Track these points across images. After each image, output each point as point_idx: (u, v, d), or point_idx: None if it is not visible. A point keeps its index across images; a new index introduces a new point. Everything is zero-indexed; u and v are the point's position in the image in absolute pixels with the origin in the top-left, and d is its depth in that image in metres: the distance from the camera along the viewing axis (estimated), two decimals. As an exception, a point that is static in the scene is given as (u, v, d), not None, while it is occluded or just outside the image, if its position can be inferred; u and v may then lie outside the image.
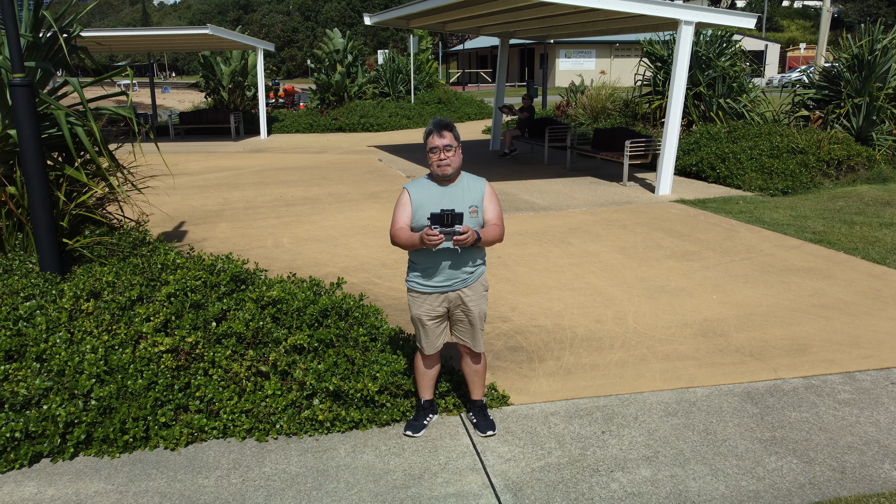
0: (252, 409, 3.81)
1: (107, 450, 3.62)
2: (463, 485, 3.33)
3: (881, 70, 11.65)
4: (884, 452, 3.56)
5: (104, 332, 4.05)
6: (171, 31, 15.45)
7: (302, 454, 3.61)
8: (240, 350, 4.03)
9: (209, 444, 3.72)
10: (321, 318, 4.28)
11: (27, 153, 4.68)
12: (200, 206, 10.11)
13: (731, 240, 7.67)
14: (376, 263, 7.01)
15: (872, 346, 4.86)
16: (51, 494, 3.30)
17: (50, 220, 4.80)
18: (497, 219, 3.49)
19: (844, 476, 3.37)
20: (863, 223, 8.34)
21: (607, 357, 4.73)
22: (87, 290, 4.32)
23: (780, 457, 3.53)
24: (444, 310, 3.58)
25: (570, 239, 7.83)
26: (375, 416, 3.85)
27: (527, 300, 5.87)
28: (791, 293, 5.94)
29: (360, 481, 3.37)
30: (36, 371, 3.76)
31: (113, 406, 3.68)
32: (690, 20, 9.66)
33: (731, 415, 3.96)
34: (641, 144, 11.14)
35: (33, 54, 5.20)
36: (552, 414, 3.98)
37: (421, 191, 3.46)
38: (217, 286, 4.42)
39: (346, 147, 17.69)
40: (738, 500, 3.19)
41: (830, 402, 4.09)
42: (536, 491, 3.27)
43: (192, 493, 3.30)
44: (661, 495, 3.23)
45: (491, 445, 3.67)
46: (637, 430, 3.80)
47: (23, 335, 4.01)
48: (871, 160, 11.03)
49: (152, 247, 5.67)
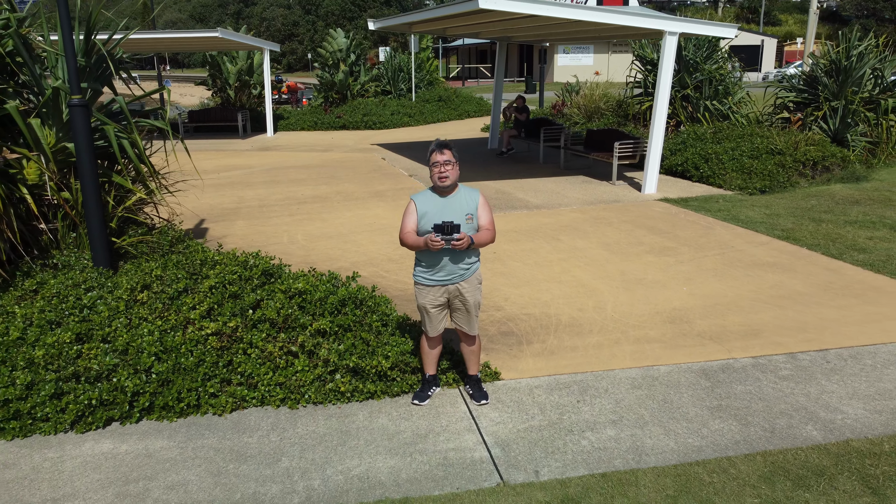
0: (284, 382, 4.55)
1: (166, 415, 4.37)
2: (461, 442, 4.08)
3: (857, 75, 12.35)
4: (809, 417, 4.30)
5: (157, 318, 4.80)
6: (185, 35, 16.13)
7: (328, 419, 4.36)
8: (273, 333, 4.77)
9: (250, 411, 4.46)
10: (340, 307, 5.02)
11: (83, 164, 5.40)
12: (217, 205, 10.83)
13: (707, 237, 8.40)
14: (383, 259, 7.74)
15: (817, 331, 5.60)
16: (125, 449, 4.05)
17: (102, 221, 5.53)
18: (489, 224, 4.22)
19: (773, 435, 4.11)
20: (829, 221, 9.07)
21: (586, 340, 5.47)
22: (140, 283, 5.06)
23: (722, 420, 4.28)
24: (444, 300, 4.31)
25: (560, 236, 8.56)
26: (388, 388, 4.60)
27: (518, 291, 6.61)
28: (753, 285, 6.68)
29: (377, 439, 4.12)
30: (104, 350, 4.50)
31: (170, 379, 4.43)
32: (674, 31, 10.36)
33: (686, 388, 4.70)
34: (630, 146, 11.85)
35: (85, 76, 5.91)
36: (536, 387, 4.73)
37: (425, 201, 4.19)
38: (251, 279, 5.16)
39: (350, 145, 18.39)
40: (683, 453, 3.94)
41: (772, 378, 4.83)
42: (520, 446, 4.02)
43: (239, 448, 4.05)
44: (621, 449, 3.98)
45: (484, 412, 4.42)
46: (606, 400, 4.54)
47: (89, 321, 4.75)
48: (846, 160, 11.75)
49: (186, 244, 6.41)
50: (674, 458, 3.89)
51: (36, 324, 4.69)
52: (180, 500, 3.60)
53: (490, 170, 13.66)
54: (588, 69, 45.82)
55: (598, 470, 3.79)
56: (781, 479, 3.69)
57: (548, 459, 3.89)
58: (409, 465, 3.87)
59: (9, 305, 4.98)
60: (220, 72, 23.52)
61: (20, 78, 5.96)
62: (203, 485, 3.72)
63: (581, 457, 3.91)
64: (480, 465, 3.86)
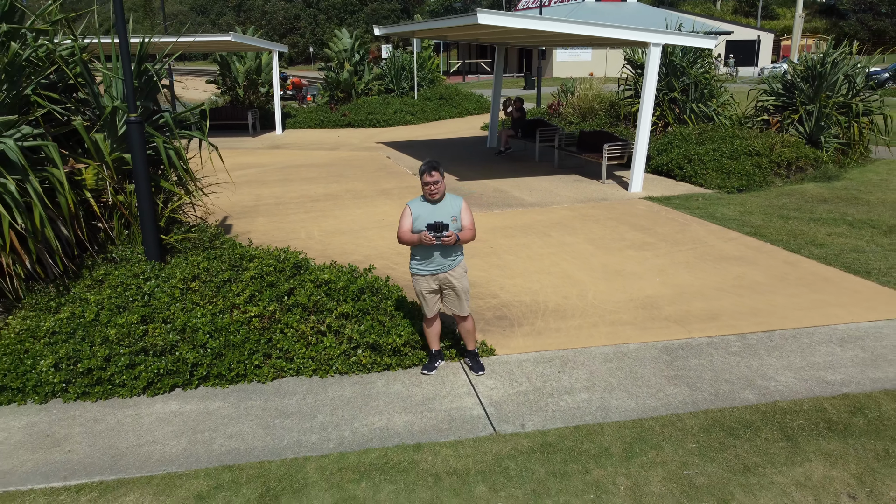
0: (315, 356, 5.49)
1: (219, 382, 5.31)
2: (461, 403, 5.03)
3: (831, 80, 13.25)
4: (747, 384, 5.24)
5: (208, 303, 5.73)
6: (200, 38, 17.03)
7: (352, 385, 5.30)
8: (304, 316, 5.71)
9: (287, 380, 5.41)
10: (359, 294, 5.95)
11: (139, 173, 6.33)
12: (238, 202, 11.76)
13: (683, 233, 9.33)
14: (392, 252, 8.67)
15: (767, 315, 6.53)
16: (189, 409, 5.00)
17: (154, 221, 6.46)
18: (470, 225, 5.15)
19: (716, 397, 5.06)
20: (796, 218, 10.00)
21: (568, 323, 6.41)
22: (191, 274, 6.00)
23: (676, 386, 5.22)
24: (436, 286, 5.24)
25: (551, 232, 9.49)
26: (401, 361, 5.54)
27: (512, 282, 7.54)
28: (718, 276, 7.61)
29: (393, 401, 5.06)
30: (167, 330, 5.44)
31: (222, 353, 5.37)
32: (658, 42, 11.25)
33: (650, 361, 5.64)
34: (618, 147, 12.76)
35: (137, 95, 6.82)
36: (524, 361, 5.67)
37: (418, 206, 5.11)
38: (283, 271, 6.10)
39: (356, 143, 19.29)
40: (642, 411, 4.88)
41: (723, 354, 5.77)
42: (510, 406, 4.96)
43: (282, 408, 4.99)
44: (592, 408, 4.92)
45: (481, 380, 5.36)
46: (582, 371, 5.48)
47: (150, 305, 5.69)
48: (819, 161, 12.66)
49: (221, 240, 7.34)
50: (633, 415, 4.84)
51: (106, 307, 5.63)
52: (239, 445, 4.54)
53: (489, 169, 14.57)
54: (587, 65, 46.64)
55: (572, 423, 4.74)
56: (717, 429, 4.63)
57: (532, 416, 4.84)
58: (420, 420, 4.81)
59: (81, 293, 5.92)
60: (229, 71, 24.39)
61: (79, 95, 6.88)
62: (256, 434, 4.67)
63: (559, 414, 4.86)
64: (477, 420, 4.81)
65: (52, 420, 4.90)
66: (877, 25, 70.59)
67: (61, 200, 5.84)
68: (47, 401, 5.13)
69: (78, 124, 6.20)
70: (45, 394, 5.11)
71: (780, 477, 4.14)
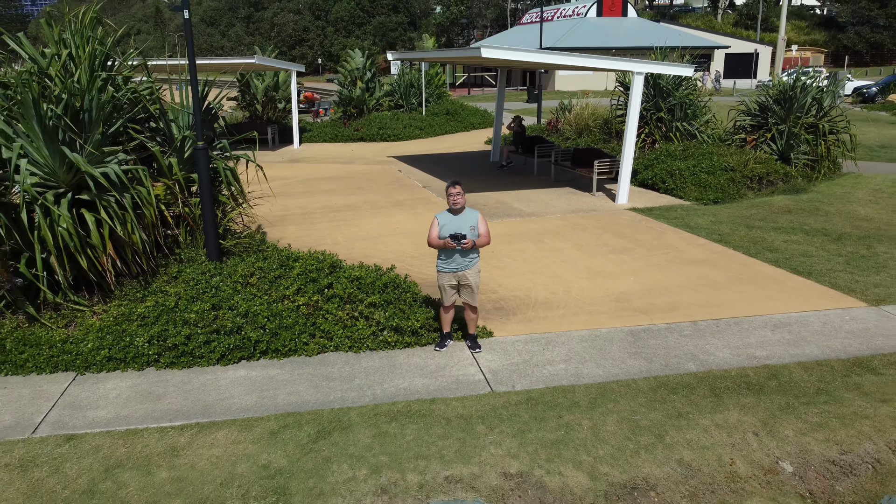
0: (351, 335, 6.92)
1: (276, 356, 6.75)
2: (466, 371, 6.46)
3: (801, 103, 14.67)
4: (691, 358, 6.66)
5: (264, 294, 7.18)
6: (226, 60, 18.58)
7: (380, 359, 6.74)
8: (341, 305, 7.15)
9: (329, 354, 6.84)
10: (384, 288, 7.39)
11: (204, 190, 7.79)
12: (269, 212, 13.24)
13: (659, 239, 10.75)
14: (407, 256, 10.11)
15: (718, 307, 7.94)
16: (254, 374, 6.44)
17: (215, 229, 7.92)
18: (486, 232, 6.58)
19: (666, 367, 6.47)
20: (760, 227, 11.40)
21: (554, 313, 7.83)
22: (248, 272, 7.45)
23: (635, 360, 6.64)
24: (455, 282, 6.67)
25: (544, 239, 10.92)
26: (418, 341, 6.97)
27: (509, 280, 8.97)
28: (683, 276, 9.02)
29: (413, 370, 6.50)
30: (233, 315, 6.89)
31: (278, 332, 6.81)
32: (640, 71, 12.71)
33: (617, 342, 7.06)
34: (607, 163, 14.21)
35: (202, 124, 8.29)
36: (516, 341, 7.09)
37: (444, 217, 6.55)
38: (322, 269, 7.55)
39: (369, 157, 20.79)
40: (606, 377, 6.30)
41: (676, 336, 7.18)
42: (504, 373, 6.39)
43: (327, 374, 6.43)
44: (567, 375, 6.34)
45: (481, 355, 6.78)
46: (562, 348, 6.90)
47: (218, 296, 7.14)
48: (788, 175, 14.07)
49: (266, 245, 8.79)
50: (599, 380, 6.26)
51: (183, 297, 7.08)
52: (297, 399, 5.98)
53: (492, 182, 16.02)
54: (589, 79, 48.12)
55: (552, 385, 6.16)
56: (662, 389, 6.05)
57: (521, 379, 6.26)
58: (435, 382, 6.24)
59: (161, 286, 7.38)
60: (248, 87, 25.95)
61: (151, 125, 8.36)
62: (308, 392, 6.11)
63: (542, 379, 6.28)
64: (478, 382, 6.24)
65: (150, 382, 6.35)
66: (875, 38, 72.09)
67: (146, 212, 7.32)
68: (143, 368, 6.59)
69: (156, 150, 7.68)
70: (142, 363, 6.57)
71: (704, 420, 5.56)
